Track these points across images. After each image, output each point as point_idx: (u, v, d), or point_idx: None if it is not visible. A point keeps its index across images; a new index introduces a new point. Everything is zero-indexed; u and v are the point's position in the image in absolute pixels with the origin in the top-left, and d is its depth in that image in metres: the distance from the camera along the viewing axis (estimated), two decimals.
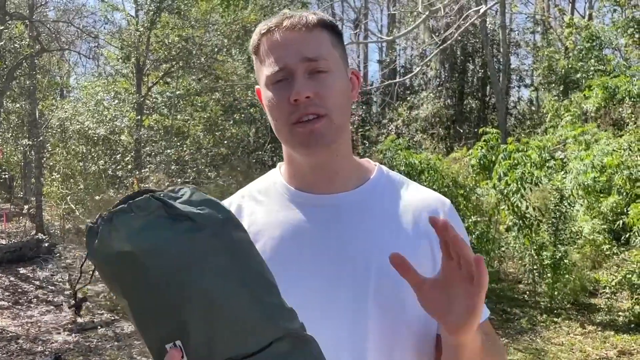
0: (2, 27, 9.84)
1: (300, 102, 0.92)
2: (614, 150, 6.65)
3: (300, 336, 0.75)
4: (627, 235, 6.52)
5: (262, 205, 1.03)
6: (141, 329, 0.74)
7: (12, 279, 8.02)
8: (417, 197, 1.04)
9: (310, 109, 0.93)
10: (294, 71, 0.93)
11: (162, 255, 0.70)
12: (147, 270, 0.70)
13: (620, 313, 6.23)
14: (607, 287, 6.21)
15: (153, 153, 12.28)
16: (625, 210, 6.66)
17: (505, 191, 6.39)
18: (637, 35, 11.32)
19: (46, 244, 9.30)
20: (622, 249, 7.38)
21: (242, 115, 13.91)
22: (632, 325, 5.86)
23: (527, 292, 7.15)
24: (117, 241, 0.71)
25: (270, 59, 0.95)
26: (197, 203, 0.75)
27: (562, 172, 7.19)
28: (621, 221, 6.71)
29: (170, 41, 12.00)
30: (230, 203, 1.06)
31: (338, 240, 0.96)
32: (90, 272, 7.07)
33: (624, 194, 6.90)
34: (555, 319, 6.14)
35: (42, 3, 12.75)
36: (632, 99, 8.30)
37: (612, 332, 5.69)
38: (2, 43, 10.19)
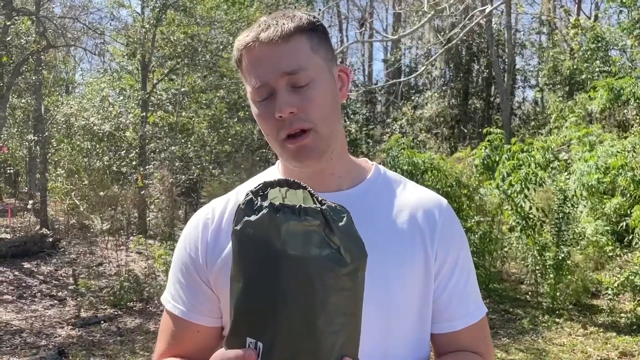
0: (8, 23, 9.87)
1: (284, 118, 0.93)
2: (618, 151, 6.64)
3: None
4: (630, 237, 6.51)
5: None
6: (235, 311, 0.78)
7: (16, 273, 8.07)
8: (414, 196, 1.05)
9: (295, 124, 0.93)
10: (274, 88, 0.93)
11: (299, 268, 0.73)
12: (279, 271, 0.73)
13: (622, 314, 6.23)
14: (610, 289, 6.20)
15: (157, 150, 12.31)
16: (628, 212, 6.65)
17: (509, 191, 6.40)
18: None
19: (50, 239, 9.35)
20: (625, 250, 7.37)
21: (247, 113, 13.92)
22: (634, 326, 5.85)
23: (529, 293, 7.15)
24: (273, 232, 0.74)
25: (252, 76, 0.95)
26: (349, 236, 0.77)
27: (566, 173, 7.18)
28: (624, 223, 6.70)
29: (175, 38, 12.01)
30: (227, 200, 1.06)
31: None
32: (94, 267, 7.03)
33: (628, 195, 6.89)
34: (557, 320, 6.14)
35: None
36: (637, 101, 8.28)
37: (614, 334, 5.69)
38: (9, 38, 10.23)
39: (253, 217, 0.76)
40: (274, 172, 1.09)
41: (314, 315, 0.74)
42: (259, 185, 0.82)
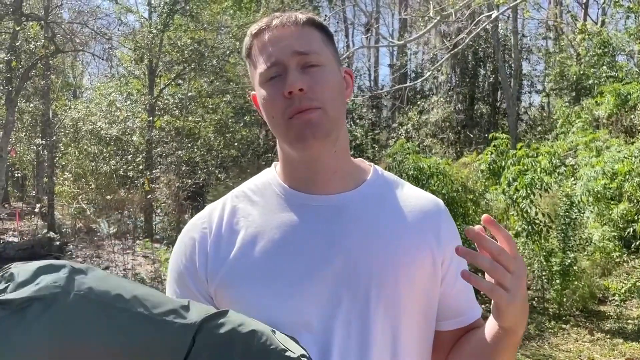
0: (18, 28, 9.97)
1: (294, 94, 0.92)
2: (625, 157, 6.61)
3: (208, 317, 0.77)
4: (637, 243, 6.49)
5: (257, 206, 1.00)
6: None
7: None
8: (413, 197, 1.05)
9: (304, 102, 0.92)
10: (286, 66, 0.93)
11: (32, 353, 0.63)
12: None
13: (629, 321, 6.20)
14: (617, 295, 6.17)
15: (164, 154, 12.37)
16: (635, 218, 6.62)
17: (515, 197, 6.38)
18: None
19: (57, 243, 9.41)
20: (632, 256, 7.34)
21: (253, 118, 13.98)
22: None
23: (536, 298, 7.12)
24: None
25: (263, 57, 0.96)
26: (31, 278, 0.67)
27: (573, 179, 7.16)
28: (631, 229, 6.67)
29: (182, 43, 12.09)
30: (224, 204, 1.03)
31: (341, 243, 0.95)
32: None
33: (635, 201, 6.87)
34: (564, 326, 6.12)
35: (57, 4, 12.90)
36: None
37: (621, 340, 5.66)
38: (18, 43, 10.33)
39: None
40: (270, 174, 1.06)
41: (98, 355, 0.68)
42: None
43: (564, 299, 6.42)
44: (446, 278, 1.02)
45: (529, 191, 6.25)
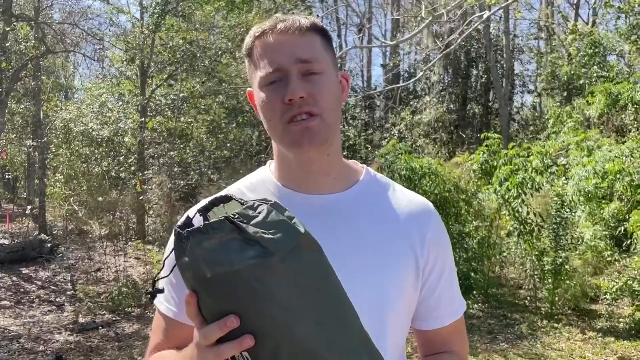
0: (7, 29, 9.90)
1: (294, 102, 0.94)
2: (616, 156, 6.65)
3: None
4: (628, 242, 6.52)
5: None
6: None
7: (14, 278, 8.05)
8: (404, 200, 1.07)
9: (304, 107, 0.94)
10: (287, 72, 0.95)
11: (230, 280, 0.71)
12: (215, 291, 0.72)
13: (620, 319, 6.23)
14: (608, 294, 6.20)
15: (156, 155, 12.31)
16: (626, 217, 6.66)
17: (506, 196, 6.40)
18: None
19: (49, 245, 9.33)
20: (624, 255, 7.37)
21: (245, 118, 13.96)
22: (633, 331, 5.85)
23: (528, 298, 7.15)
24: (194, 261, 0.73)
25: (264, 61, 0.97)
26: (271, 225, 0.75)
27: (564, 178, 7.19)
28: (622, 228, 6.71)
29: (174, 44, 12.03)
30: None
31: (328, 242, 0.94)
32: (92, 272, 6.99)
33: (625, 200, 6.91)
34: (556, 325, 6.14)
35: (48, 5, 12.83)
36: (635, 106, 8.31)
37: (613, 339, 5.69)
38: (8, 44, 10.25)
39: (185, 257, 0.75)
40: (265, 172, 1.08)
41: (272, 315, 0.71)
42: (180, 224, 0.80)
43: (556, 298, 6.44)
44: (428, 282, 1.04)
45: (520, 191, 6.27)
